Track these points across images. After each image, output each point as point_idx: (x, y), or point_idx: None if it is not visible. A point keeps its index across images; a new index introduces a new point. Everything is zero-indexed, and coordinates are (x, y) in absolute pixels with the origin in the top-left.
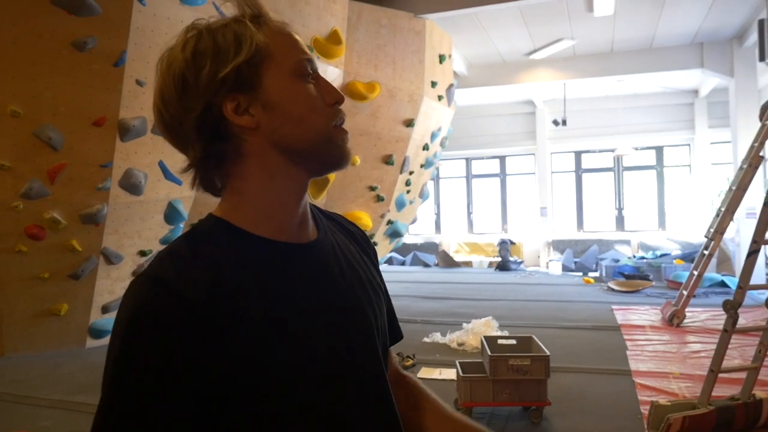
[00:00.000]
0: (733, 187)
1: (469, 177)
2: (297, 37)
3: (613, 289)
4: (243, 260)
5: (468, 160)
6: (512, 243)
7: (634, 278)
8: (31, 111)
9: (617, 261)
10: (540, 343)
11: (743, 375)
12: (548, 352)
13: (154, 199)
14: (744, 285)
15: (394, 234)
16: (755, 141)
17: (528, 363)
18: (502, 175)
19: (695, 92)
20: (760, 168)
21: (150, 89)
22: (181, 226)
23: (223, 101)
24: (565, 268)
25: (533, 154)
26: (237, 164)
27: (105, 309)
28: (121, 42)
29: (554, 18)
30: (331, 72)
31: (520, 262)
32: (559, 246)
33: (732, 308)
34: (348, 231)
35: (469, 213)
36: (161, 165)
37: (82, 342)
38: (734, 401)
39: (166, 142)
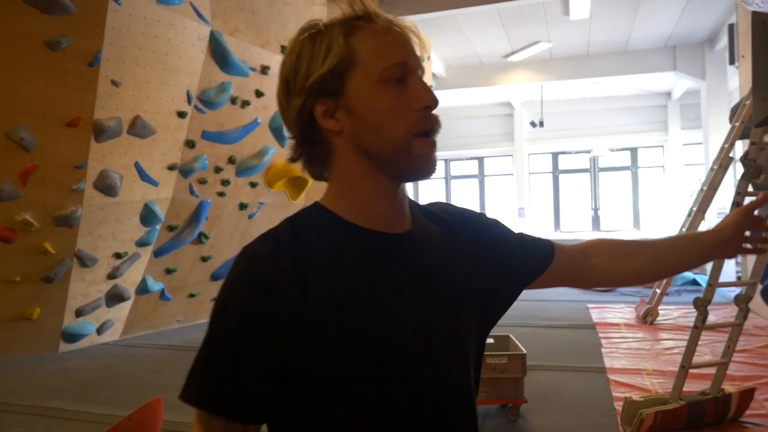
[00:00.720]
0: (705, 188)
1: (447, 178)
2: (401, 35)
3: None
4: (337, 244)
5: (447, 162)
6: None
7: None
8: (2, 111)
9: None
10: (517, 342)
11: (714, 370)
12: (525, 351)
13: (130, 200)
14: (714, 282)
15: None
16: (725, 142)
17: (505, 361)
18: (481, 176)
19: (668, 95)
20: (730, 168)
21: (125, 90)
22: (158, 227)
23: (314, 105)
24: None
25: (511, 155)
26: (329, 161)
27: (79, 312)
28: (96, 41)
29: (531, 20)
30: None
31: None
32: None
33: (702, 305)
34: (443, 221)
35: None
36: (137, 166)
37: (56, 347)
38: (704, 396)
39: (142, 143)
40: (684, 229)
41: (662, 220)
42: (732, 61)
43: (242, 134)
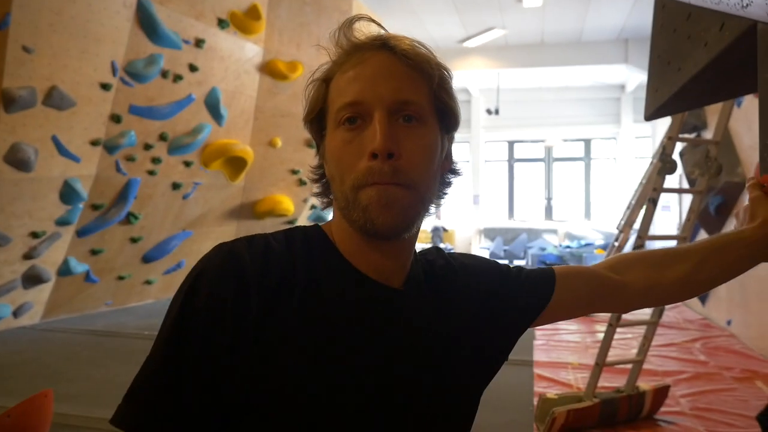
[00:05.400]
0: (644, 181)
1: None
2: (373, 65)
3: None
4: (327, 277)
5: None
6: (445, 230)
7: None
8: None
9: (544, 249)
10: None
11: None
12: None
13: (48, 176)
14: None
15: (318, 219)
16: (665, 136)
17: None
18: None
19: (622, 87)
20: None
21: (39, 57)
22: (80, 206)
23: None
24: (495, 256)
25: (468, 142)
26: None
27: None
28: (3, 3)
29: (485, 6)
30: (250, 49)
31: (450, 250)
32: (490, 234)
33: None
34: (437, 273)
35: None
36: (55, 140)
37: None
38: (619, 393)
39: (60, 115)
40: (623, 222)
41: (613, 211)
42: None
43: (174, 110)
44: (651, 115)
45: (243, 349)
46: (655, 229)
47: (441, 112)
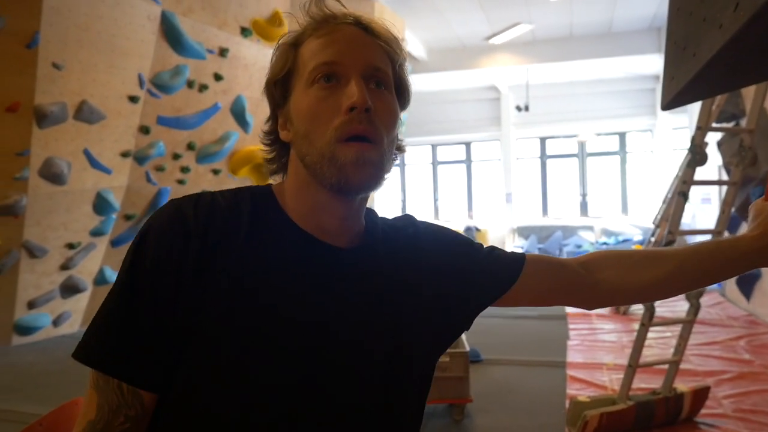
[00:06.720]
0: (679, 173)
1: (434, 163)
2: (348, 33)
3: None
4: (271, 235)
5: (434, 147)
6: (478, 230)
7: None
8: None
9: (580, 247)
10: (463, 339)
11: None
12: (468, 349)
13: (81, 189)
14: None
15: None
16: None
17: (447, 360)
18: (468, 161)
19: (657, 77)
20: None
21: (69, 73)
22: (113, 216)
23: (277, 115)
24: None
25: (498, 140)
26: (287, 166)
27: (31, 305)
28: (32, 22)
29: (510, 1)
30: None
31: None
32: (523, 232)
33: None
34: (404, 239)
35: (435, 200)
36: (87, 153)
37: (8, 339)
38: (655, 396)
39: (90, 128)
40: (659, 217)
41: (651, 206)
42: None
43: (201, 119)
44: (668, 104)
45: (186, 299)
46: (696, 223)
47: (399, 88)
